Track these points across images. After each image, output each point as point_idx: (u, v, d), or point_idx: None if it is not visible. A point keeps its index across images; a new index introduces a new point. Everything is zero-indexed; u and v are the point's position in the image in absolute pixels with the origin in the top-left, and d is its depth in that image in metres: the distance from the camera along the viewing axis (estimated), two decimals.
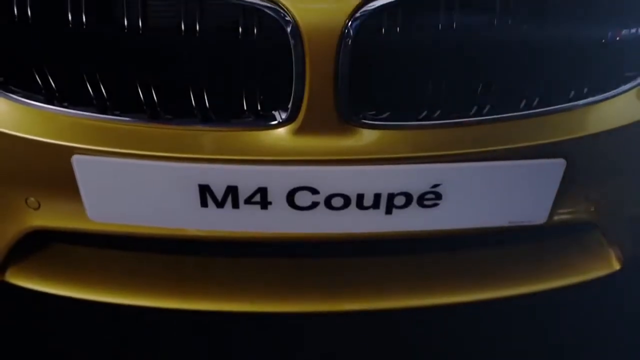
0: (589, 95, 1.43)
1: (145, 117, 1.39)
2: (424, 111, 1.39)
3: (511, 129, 1.42)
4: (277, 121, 1.37)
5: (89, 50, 1.36)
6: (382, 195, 1.42)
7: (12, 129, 1.40)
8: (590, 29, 1.40)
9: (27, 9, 1.33)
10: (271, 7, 1.27)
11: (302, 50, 1.29)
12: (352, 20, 1.27)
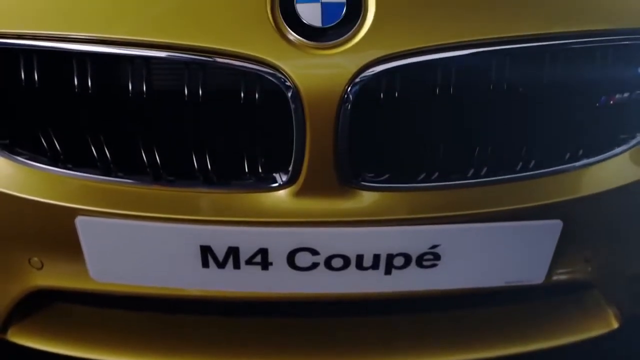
0: (584, 157, 1.46)
1: (148, 179, 1.41)
2: (422, 173, 1.42)
3: (508, 191, 1.44)
4: (277, 183, 1.40)
5: (94, 114, 1.39)
6: (382, 256, 1.43)
7: (17, 191, 1.42)
8: (585, 93, 1.43)
9: (34, 73, 1.36)
10: (272, 73, 1.30)
11: (303, 115, 1.32)
12: (352, 85, 1.30)
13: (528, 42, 1.36)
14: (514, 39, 1.35)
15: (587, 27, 1.38)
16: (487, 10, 1.36)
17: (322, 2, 1.30)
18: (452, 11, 1.35)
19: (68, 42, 1.33)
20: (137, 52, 1.32)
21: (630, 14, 1.41)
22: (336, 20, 1.30)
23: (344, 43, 1.31)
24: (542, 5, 1.38)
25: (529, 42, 1.36)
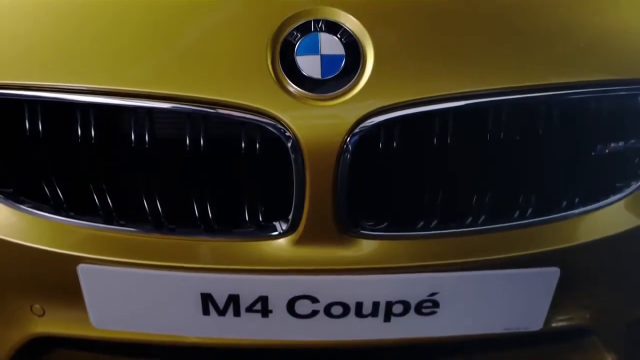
0: (581, 205, 1.48)
1: (149, 227, 1.43)
2: (421, 221, 1.43)
3: (506, 239, 1.46)
4: (278, 232, 1.41)
5: (96, 162, 1.41)
6: (381, 303, 1.44)
7: (20, 239, 1.44)
8: (581, 142, 1.45)
9: (39, 123, 1.38)
10: (272, 124, 1.32)
11: (303, 164, 1.34)
12: (351, 136, 1.32)
13: (526, 93, 1.38)
14: (511, 90, 1.37)
15: (584, 78, 1.40)
16: (484, 62, 1.38)
17: (321, 55, 1.33)
18: (449, 62, 1.37)
19: (72, 94, 1.35)
20: (140, 104, 1.34)
21: (626, 65, 1.44)
22: (335, 72, 1.33)
23: (343, 94, 1.33)
24: (539, 56, 1.40)
25: (526, 93, 1.38)
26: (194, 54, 1.35)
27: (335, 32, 1.34)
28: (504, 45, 1.40)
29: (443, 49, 1.38)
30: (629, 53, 1.45)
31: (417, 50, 1.37)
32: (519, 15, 1.42)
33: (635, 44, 1.45)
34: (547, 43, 1.41)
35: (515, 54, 1.40)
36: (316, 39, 1.33)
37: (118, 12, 1.38)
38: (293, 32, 1.33)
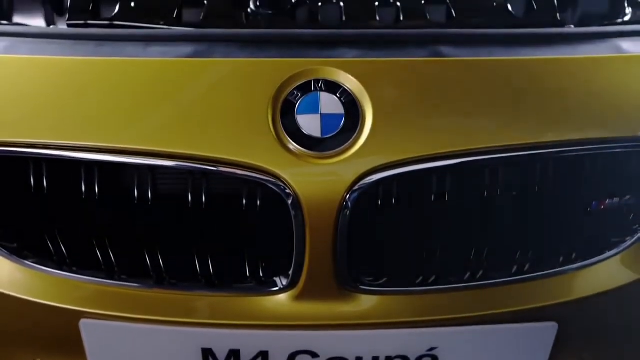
0: (577, 260, 1.49)
1: (151, 282, 1.44)
2: (419, 277, 1.45)
3: (504, 294, 1.47)
4: (278, 287, 1.43)
5: (98, 218, 1.43)
6: (380, 358, 1.45)
7: (23, 293, 1.45)
8: (576, 199, 1.48)
9: (43, 180, 1.41)
10: (273, 181, 1.35)
11: (303, 221, 1.36)
12: (350, 193, 1.35)
13: (522, 151, 1.41)
14: (507, 148, 1.40)
15: (579, 136, 1.43)
16: (480, 121, 1.41)
17: (321, 114, 1.36)
18: (447, 121, 1.40)
19: (76, 151, 1.38)
20: (143, 161, 1.37)
21: (621, 123, 1.46)
22: (335, 131, 1.36)
23: (343, 152, 1.36)
24: (535, 115, 1.43)
25: (522, 151, 1.41)
26: (196, 113, 1.38)
27: (334, 92, 1.37)
28: (500, 104, 1.43)
29: (440, 109, 1.41)
30: (623, 111, 1.47)
31: (415, 110, 1.40)
32: (513, 76, 1.45)
33: (629, 103, 1.48)
34: (542, 101, 1.44)
35: (510, 113, 1.43)
36: (316, 99, 1.36)
37: (121, 72, 1.41)
38: (294, 92, 1.36)
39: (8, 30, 1.48)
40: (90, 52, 1.41)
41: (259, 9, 1.49)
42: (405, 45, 1.42)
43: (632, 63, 1.48)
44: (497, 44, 1.44)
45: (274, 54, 1.40)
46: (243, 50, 1.40)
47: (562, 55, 1.45)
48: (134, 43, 1.41)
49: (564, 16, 1.55)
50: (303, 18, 1.50)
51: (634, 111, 1.46)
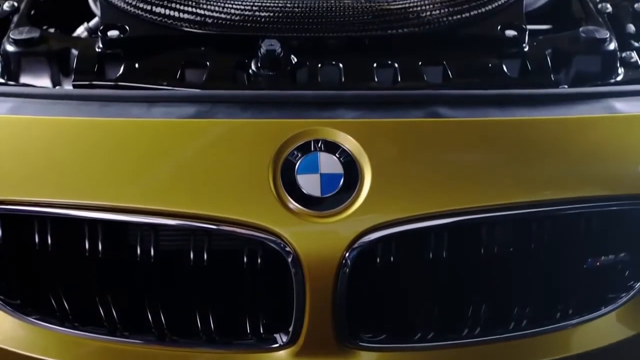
0: (574, 316, 1.51)
1: (153, 338, 1.46)
2: (418, 333, 1.47)
3: (501, 350, 1.49)
4: (278, 344, 1.44)
5: (102, 275, 1.45)
6: None
7: (25, 350, 1.47)
8: (573, 256, 1.50)
9: (47, 238, 1.43)
10: (273, 239, 1.37)
11: (303, 278, 1.38)
12: (350, 251, 1.37)
13: (519, 209, 1.43)
14: (504, 206, 1.42)
15: (575, 194, 1.46)
16: (479, 179, 1.44)
17: (321, 174, 1.39)
18: (443, 181, 1.43)
19: (81, 210, 1.40)
20: (146, 220, 1.39)
21: (617, 181, 1.49)
22: (334, 190, 1.38)
23: (342, 211, 1.38)
24: (532, 173, 1.46)
25: (519, 209, 1.43)
26: (198, 172, 1.41)
27: (334, 152, 1.40)
28: (497, 163, 1.47)
29: (438, 168, 1.44)
30: (617, 170, 1.50)
31: (413, 169, 1.43)
32: (509, 136, 1.48)
33: (623, 161, 1.50)
34: (538, 160, 1.47)
35: (507, 172, 1.46)
36: (316, 159, 1.39)
37: (125, 133, 1.44)
38: (294, 152, 1.39)
39: (15, 91, 1.52)
40: (95, 112, 1.44)
41: (260, 69, 1.52)
42: (403, 106, 1.46)
43: (624, 122, 1.51)
44: (492, 105, 1.48)
45: (274, 115, 1.43)
46: (245, 111, 1.44)
47: (556, 115, 1.48)
48: (138, 104, 1.45)
49: (558, 77, 1.58)
50: (303, 79, 1.54)
51: (628, 169, 1.49)
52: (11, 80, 1.57)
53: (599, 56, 1.61)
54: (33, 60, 1.57)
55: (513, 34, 1.61)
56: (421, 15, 1.60)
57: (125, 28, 1.59)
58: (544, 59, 1.60)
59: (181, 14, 1.59)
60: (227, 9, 1.58)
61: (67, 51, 1.59)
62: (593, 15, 1.75)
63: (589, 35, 1.62)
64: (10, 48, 1.57)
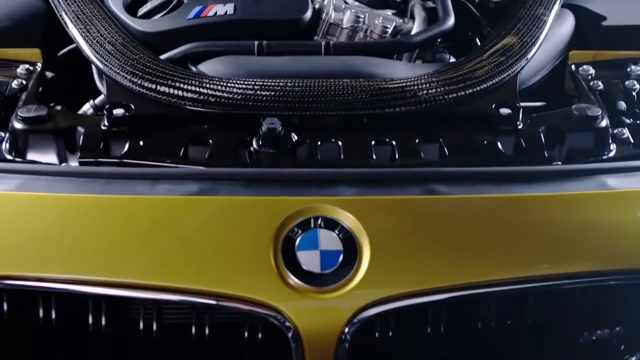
0: None
1: None
2: None
3: None
4: None
5: (105, 350, 1.47)
6: None
7: None
8: (569, 330, 1.52)
9: (51, 312, 1.45)
10: (273, 315, 1.39)
11: (303, 353, 1.40)
12: (349, 326, 1.39)
13: (515, 284, 1.45)
14: (502, 282, 1.45)
15: (572, 270, 1.48)
16: (476, 255, 1.47)
17: (321, 250, 1.42)
18: (443, 256, 1.46)
19: (85, 285, 1.43)
20: (149, 295, 1.42)
21: (613, 256, 1.51)
22: (334, 266, 1.41)
23: (342, 287, 1.40)
24: (528, 248, 1.49)
25: (516, 284, 1.45)
26: (200, 248, 1.44)
27: (333, 229, 1.43)
28: (493, 239, 1.49)
29: (436, 245, 1.47)
30: (612, 245, 1.52)
31: (411, 245, 1.46)
32: (505, 212, 1.51)
33: (618, 236, 1.53)
34: (534, 236, 1.50)
35: (504, 247, 1.48)
36: (315, 235, 1.42)
37: (129, 210, 1.48)
38: (294, 229, 1.42)
39: (22, 168, 1.55)
40: (100, 189, 1.47)
41: (261, 147, 1.57)
42: (401, 183, 1.50)
43: (617, 199, 1.54)
44: (488, 182, 1.51)
45: (275, 192, 1.47)
46: (246, 188, 1.47)
47: (550, 192, 1.51)
48: (143, 181, 1.48)
49: (552, 153, 1.62)
50: (303, 156, 1.58)
51: (621, 245, 1.52)
52: (18, 156, 1.61)
53: (592, 133, 1.65)
54: (40, 137, 1.61)
55: (507, 112, 1.65)
56: (418, 94, 1.64)
57: (131, 106, 1.63)
58: (538, 136, 1.64)
59: (185, 92, 1.63)
60: (229, 88, 1.62)
61: (73, 129, 1.63)
62: (585, 93, 1.80)
63: (581, 113, 1.66)
64: (18, 125, 1.61)
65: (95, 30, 1.81)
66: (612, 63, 1.92)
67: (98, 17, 1.85)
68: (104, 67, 1.72)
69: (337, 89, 1.64)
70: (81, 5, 1.89)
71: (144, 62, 1.70)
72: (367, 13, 1.97)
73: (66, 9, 1.89)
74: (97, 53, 1.75)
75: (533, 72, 1.89)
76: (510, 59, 1.76)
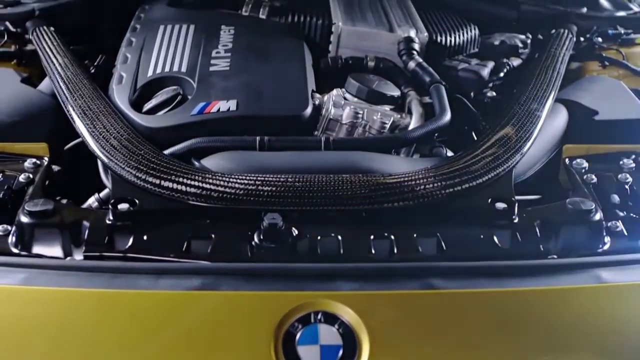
0: None
1: None
2: None
3: None
4: None
5: None
6: None
7: None
8: None
9: None
10: None
11: None
12: None
13: None
14: None
15: None
16: (473, 348, 1.50)
17: (320, 345, 1.44)
18: (441, 350, 1.48)
19: None
20: None
21: (608, 350, 1.53)
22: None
23: None
24: (524, 342, 1.51)
25: None
26: (202, 342, 1.46)
27: (333, 323, 1.45)
28: (490, 332, 1.52)
29: (434, 338, 1.50)
30: (607, 338, 1.55)
31: (410, 339, 1.48)
32: (502, 306, 1.54)
33: (613, 330, 1.55)
34: (531, 329, 1.52)
35: (500, 341, 1.51)
36: (315, 330, 1.45)
37: (133, 304, 1.50)
38: (294, 324, 1.45)
39: (27, 262, 1.58)
40: (105, 284, 1.50)
41: (262, 242, 1.60)
42: (399, 278, 1.52)
43: (612, 292, 1.57)
44: (484, 276, 1.54)
45: (276, 287, 1.50)
46: (248, 283, 1.50)
47: (546, 285, 1.54)
48: (146, 276, 1.51)
49: (547, 247, 1.65)
50: (303, 251, 1.61)
51: (616, 339, 1.54)
52: (24, 250, 1.64)
53: (586, 226, 1.68)
54: (46, 231, 1.64)
55: (503, 207, 1.69)
56: (415, 189, 1.68)
57: (135, 201, 1.67)
58: (533, 229, 1.67)
59: (188, 187, 1.67)
60: (231, 184, 1.66)
61: (79, 223, 1.66)
62: (579, 186, 1.84)
63: (575, 207, 1.69)
64: (25, 219, 1.64)
65: (101, 126, 1.86)
66: (605, 156, 1.97)
67: (104, 112, 1.92)
68: (109, 162, 1.77)
69: (336, 184, 1.68)
70: (88, 101, 1.95)
71: (148, 158, 1.74)
72: (365, 109, 2.03)
73: (73, 105, 1.95)
74: (103, 148, 1.80)
75: (528, 165, 1.94)
76: (505, 153, 1.81)
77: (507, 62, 2.45)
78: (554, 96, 2.10)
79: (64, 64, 2.16)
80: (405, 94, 2.14)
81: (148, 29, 2.40)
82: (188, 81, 2.09)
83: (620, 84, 2.33)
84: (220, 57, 2.20)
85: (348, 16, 2.46)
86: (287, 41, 2.36)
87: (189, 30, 2.35)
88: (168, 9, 2.60)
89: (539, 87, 2.11)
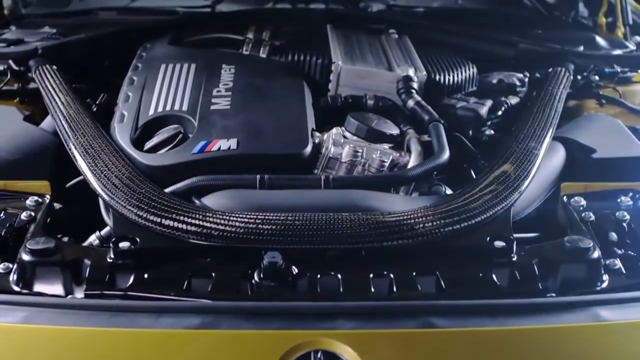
0: None
1: None
2: None
3: None
4: None
5: None
6: None
7: None
8: None
9: None
10: None
11: None
12: None
13: None
14: None
15: None
16: None
17: None
18: None
19: None
20: None
21: None
22: None
23: None
24: None
25: None
26: None
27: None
28: None
29: None
30: None
31: None
32: (501, 345, 1.55)
33: None
34: None
35: None
36: None
37: (133, 343, 1.51)
38: None
39: (28, 300, 1.59)
40: (105, 322, 1.51)
41: (262, 280, 1.60)
42: (399, 317, 1.53)
43: (610, 331, 1.57)
44: (483, 314, 1.55)
45: (276, 325, 1.50)
46: (248, 321, 1.51)
47: (544, 324, 1.54)
48: (147, 314, 1.52)
49: (546, 285, 1.66)
50: (303, 289, 1.61)
51: None
52: (25, 288, 1.64)
53: (584, 264, 1.69)
54: (47, 269, 1.65)
55: (502, 245, 1.70)
56: (415, 227, 1.69)
57: (136, 240, 1.68)
58: (532, 267, 1.68)
59: (189, 226, 1.68)
60: (232, 222, 1.67)
61: (80, 261, 1.67)
62: (577, 224, 1.85)
63: (573, 245, 1.70)
64: (26, 257, 1.65)
65: (102, 164, 1.88)
66: (603, 194, 1.98)
67: (106, 150, 1.93)
68: (110, 200, 1.78)
69: (336, 222, 1.69)
70: (90, 139, 1.97)
71: (149, 196, 1.76)
72: (365, 147, 2.05)
73: (75, 143, 1.97)
74: (104, 186, 1.81)
75: (526, 204, 1.95)
76: (503, 192, 1.82)
77: (505, 100, 2.46)
78: (552, 134, 2.12)
79: (66, 102, 2.19)
80: (404, 132, 2.16)
81: (149, 67, 2.43)
82: (189, 120, 2.11)
83: (618, 121, 2.35)
84: (221, 95, 2.23)
85: (348, 55, 2.49)
86: (287, 80, 2.38)
87: (190, 69, 2.38)
88: (169, 47, 2.63)
89: (537, 125, 2.13)
